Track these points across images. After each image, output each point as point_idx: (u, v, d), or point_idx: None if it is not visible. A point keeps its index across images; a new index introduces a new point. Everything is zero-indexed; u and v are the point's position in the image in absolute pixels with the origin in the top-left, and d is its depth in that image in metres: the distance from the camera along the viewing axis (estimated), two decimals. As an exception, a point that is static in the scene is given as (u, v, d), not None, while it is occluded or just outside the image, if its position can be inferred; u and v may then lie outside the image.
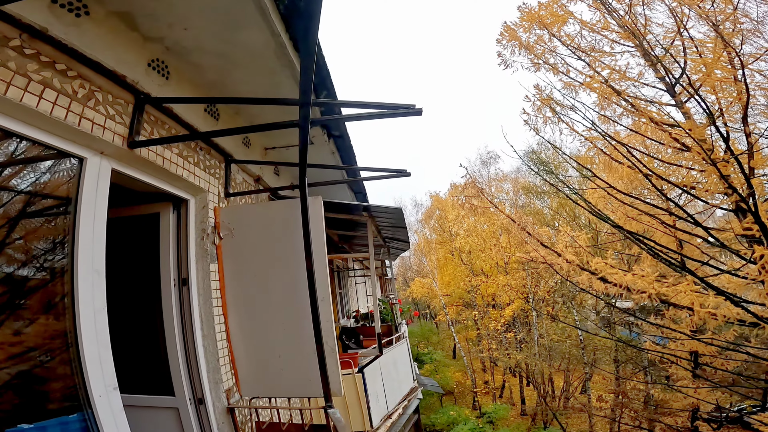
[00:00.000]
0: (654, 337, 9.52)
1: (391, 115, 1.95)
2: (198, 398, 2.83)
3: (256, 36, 2.26)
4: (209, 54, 2.43)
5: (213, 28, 2.19)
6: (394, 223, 6.70)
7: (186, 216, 2.97)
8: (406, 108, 1.89)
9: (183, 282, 2.92)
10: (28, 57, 1.65)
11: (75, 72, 1.86)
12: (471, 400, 21.77)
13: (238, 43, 2.33)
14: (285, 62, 2.54)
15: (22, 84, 1.61)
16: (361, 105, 2.00)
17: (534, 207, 21.57)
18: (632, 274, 5.50)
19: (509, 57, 6.24)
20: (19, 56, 1.61)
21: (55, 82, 1.75)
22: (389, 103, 1.90)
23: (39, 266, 1.88)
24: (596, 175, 6.15)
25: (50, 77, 1.74)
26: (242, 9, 2.03)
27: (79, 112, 1.86)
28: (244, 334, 3.01)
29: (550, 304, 19.00)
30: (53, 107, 1.73)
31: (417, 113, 1.90)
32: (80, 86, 1.89)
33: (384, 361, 6.12)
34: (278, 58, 2.49)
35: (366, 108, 1.96)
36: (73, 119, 1.82)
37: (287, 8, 2.17)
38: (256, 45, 2.35)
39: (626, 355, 14.81)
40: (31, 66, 1.66)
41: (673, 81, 5.73)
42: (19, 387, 1.75)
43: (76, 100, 1.85)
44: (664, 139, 5.57)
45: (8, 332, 1.71)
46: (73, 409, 1.86)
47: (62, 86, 1.79)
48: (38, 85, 1.67)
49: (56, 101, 1.75)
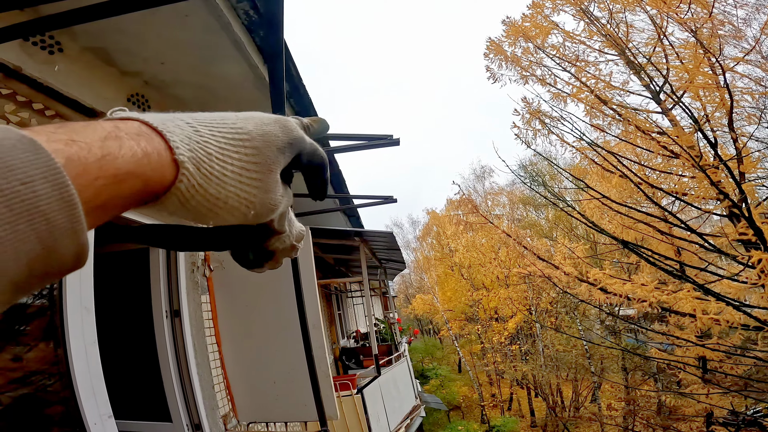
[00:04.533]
0: (660, 344, 9.43)
1: (371, 146, 2.01)
2: (195, 424, 2.87)
3: (233, 68, 2.28)
4: (189, 86, 2.46)
5: (190, 61, 2.21)
6: (388, 246, 6.72)
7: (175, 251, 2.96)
8: (385, 138, 1.96)
9: (175, 313, 2.95)
10: (4, 97, 1.66)
11: (53, 111, 1.88)
12: (479, 414, 21.40)
13: (216, 76, 2.35)
14: (265, 93, 2.56)
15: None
16: (343, 137, 2.06)
17: (531, 219, 21.63)
18: (632, 284, 5.46)
19: (497, 71, 6.33)
20: (-4, 98, 1.62)
21: (33, 122, 1.76)
22: (369, 134, 1.97)
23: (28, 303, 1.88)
24: (590, 186, 6.17)
25: (28, 117, 1.75)
26: (217, 43, 2.06)
27: (59, 152, 1.86)
28: (239, 361, 3.06)
29: (553, 315, 18.86)
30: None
31: (395, 143, 1.98)
32: (59, 126, 1.89)
33: (384, 381, 6.04)
34: (257, 89, 2.51)
35: (348, 140, 2.02)
36: (52, 159, 1.82)
37: (263, 39, 2.20)
38: (235, 77, 2.37)
39: (634, 363, 14.63)
40: (9, 107, 1.67)
41: (657, 88, 5.79)
42: (16, 413, 1.79)
43: (55, 140, 1.85)
44: (653, 147, 5.61)
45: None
46: None
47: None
48: (17, 127, 1.67)
49: (34, 143, 1.75)
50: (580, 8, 5.87)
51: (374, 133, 2.00)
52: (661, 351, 8.40)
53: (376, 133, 1.99)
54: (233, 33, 2.01)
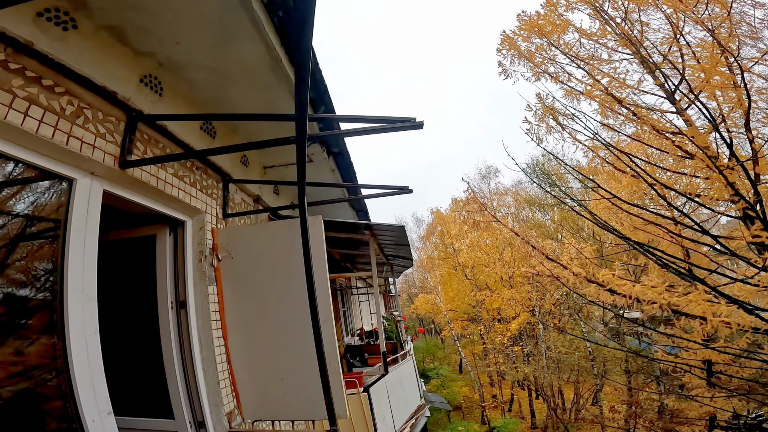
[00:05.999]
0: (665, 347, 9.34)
1: (391, 129, 1.89)
2: (198, 421, 2.77)
3: (250, 49, 2.20)
4: (203, 69, 2.37)
5: (206, 41, 2.13)
6: (397, 241, 6.62)
7: (183, 238, 2.89)
8: (407, 121, 1.84)
9: (181, 305, 2.86)
10: (12, 72, 1.58)
11: (63, 88, 1.79)
12: (479, 415, 21.34)
13: (231, 58, 2.27)
14: (281, 76, 2.48)
15: (6, 100, 1.53)
16: (361, 119, 1.95)
17: (536, 220, 21.49)
18: (641, 285, 5.37)
19: (509, 66, 6.23)
20: (3, 71, 1.54)
21: (41, 98, 1.68)
22: (389, 117, 1.85)
23: (30, 289, 1.80)
24: (600, 186, 6.07)
25: (36, 93, 1.66)
26: (235, 21, 1.97)
27: (67, 130, 1.79)
28: (246, 356, 2.95)
29: (556, 317, 18.75)
30: (39, 125, 1.65)
31: (418, 126, 1.85)
32: (68, 103, 1.81)
33: (390, 380, 5.97)
34: (273, 72, 2.42)
35: (366, 122, 1.90)
36: (60, 138, 1.74)
37: (281, 20, 2.11)
38: (251, 59, 2.28)
39: (637, 365, 14.52)
40: (16, 81, 1.59)
41: (672, 88, 5.70)
42: (13, 408, 1.69)
43: (63, 117, 1.77)
44: (667, 147, 5.51)
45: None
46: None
47: (49, 103, 1.71)
48: (23, 102, 1.60)
49: (42, 119, 1.67)
50: (594, 7, 5.77)
51: (394, 116, 1.88)
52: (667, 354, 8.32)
53: (397, 116, 1.87)
54: (252, 10, 1.93)
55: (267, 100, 2.75)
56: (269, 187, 4.28)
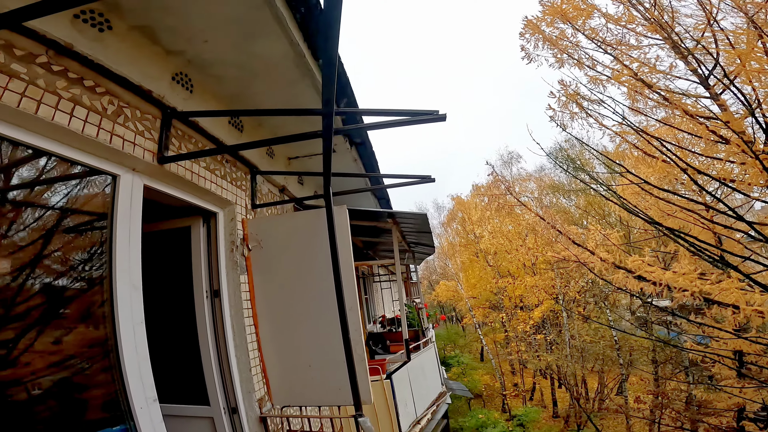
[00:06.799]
0: (695, 337, 9.13)
1: (414, 122, 1.91)
2: (231, 407, 2.87)
3: (274, 46, 2.25)
4: (230, 66, 2.44)
5: (232, 39, 2.19)
6: (419, 228, 6.64)
7: (215, 229, 3.00)
8: (430, 114, 1.86)
9: (215, 293, 2.96)
10: (56, 74, 1.66)
11: (103, 88, 1.88)
12: (500, 403, 21.37)
13: (256, 54, 2.33)
14: (304, 71, 2.53)
15: (53, 102, 1.62)
16: (384, 113, 1.97)
17: (560, 206, 21.06)
18: (672, 272, 5.26)
19: (532, 51, 6.11)
20: (47, 73, 1.62)
21: (84, 99, 1.77)
22: (412, 109, 1.87)
23: (79, 278, 1.90)
24: (629, 170, 5.93)
25: (79, 94, 1.75)
26: (258, 18, 2.02)
27: (110, 129, 1.88)
28: (275, 343, 3.03)
29: (581, 305, 18.44)
30: (84, 125, 1.74)
31: (441, 119, 1.87)
32: (109, 102, 1.91)
33: (412, 367, 6.05)
34: (297, 68, 2.48)
35: (388, 115, 1.93)
36: (104, 136, 1.84)
37: (303, 17, 2.15)
38: (275, 55, 2.34)
39: (665, 355, 14.20)
40: (60, 83, 1.67)
41: (706, 73, 5.49)
42: (62, 397, 1.78)
43: (106, 116, 1.87)
44: (700, 132, 5.34)
45: (49, 340, 1.74)
46: (115, 420, 1.89)
47: (92, 103, 1.81)
48: (68, 103, 1.69)
49: (87, 119, 1.76)
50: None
51: (417, 109, 1.89)
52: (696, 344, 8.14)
53: (420, 109, 1.89)
54: (276, 8, 1.97)
55: (290, 94, 2.80)
56: (294, 178, 4.37)
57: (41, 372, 1.67)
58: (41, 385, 1.68)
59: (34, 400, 1.66)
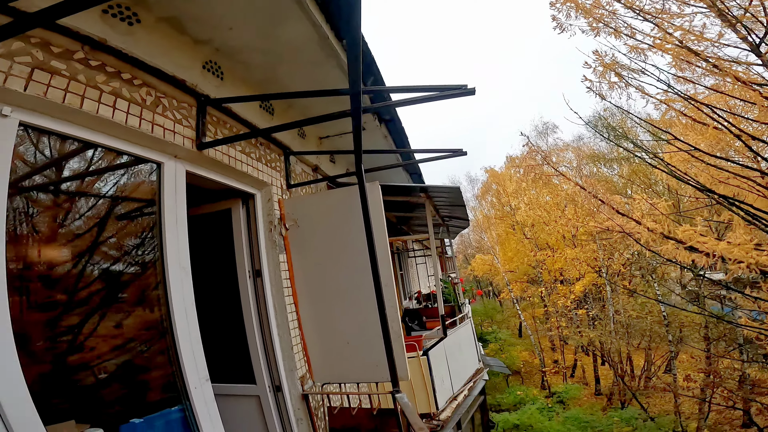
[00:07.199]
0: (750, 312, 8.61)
1: (442, 97, 1.88)
2: (276, 386, 2.96)
3: (297, 29, 2.25)
4: (256, 51, 2.46)
5: (255, 25, 2.20)
6: (453, 202, 6.55)
7: (254, 210, 3.09)
8: (458, 89, 1.83)
9: (257, 273, 3.05)
10: (94, 69, 1.73)
11: (140, 80, 1.96)
12: (539, 380, 21.14)
13: (281, 38, 2.34)
14: (329, 53, 2.52)
15: (95, 96, 1.70)
16: (411, 89, 1.95)
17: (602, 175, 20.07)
18: (726, 242, 4.95)
19: (565, 20, 5.78)
20: (86, 68, 1.69)
21: (124, 91, 1.85)
22: (440, 85, 1.84)
23: (133, 263, 2.01)
24: (677, 138, 5.57)
25: (119, 87, 1.83)
26: (279, 2, 2.02)
27: (150, 119, 1.96)
28: (314, 321, 3.09)
29: (626, 278, 17.68)
30: (127, 116, 1.83)
31: (470, 93, 1.84)
32: (147, 94, 1.98)
33: (448, 344, 6.06)
34: (322, 49, 2.48)
35: (416, 92, 1.90)
36: (146, 126, 1.93)
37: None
38: (298, 38, 2.34)
39: (718, 332, 13.46)
40: (100, 77, 1.74)
41: (757, 41, 5.06)
42: (126, 380, 1.89)
43: (145, 107, 1.95)
44: (754, 98, 4.95)
45: (111, 324, 1.86)
46: (173, 401, 1.99)
47: (131, 95, 1.88)
48: (110, 96, 1.77)
49: (129, 110, 1.84)
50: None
51: (445, 84, 1.86)
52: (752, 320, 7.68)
53: (448, 84, 1.85)
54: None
55: (318, 75, 2.81)
56: (326, 157, 4.41)
57: (106, 356, 1.80)
58: (107, 369, 1.81)
59: (101, 383, 1.79)
